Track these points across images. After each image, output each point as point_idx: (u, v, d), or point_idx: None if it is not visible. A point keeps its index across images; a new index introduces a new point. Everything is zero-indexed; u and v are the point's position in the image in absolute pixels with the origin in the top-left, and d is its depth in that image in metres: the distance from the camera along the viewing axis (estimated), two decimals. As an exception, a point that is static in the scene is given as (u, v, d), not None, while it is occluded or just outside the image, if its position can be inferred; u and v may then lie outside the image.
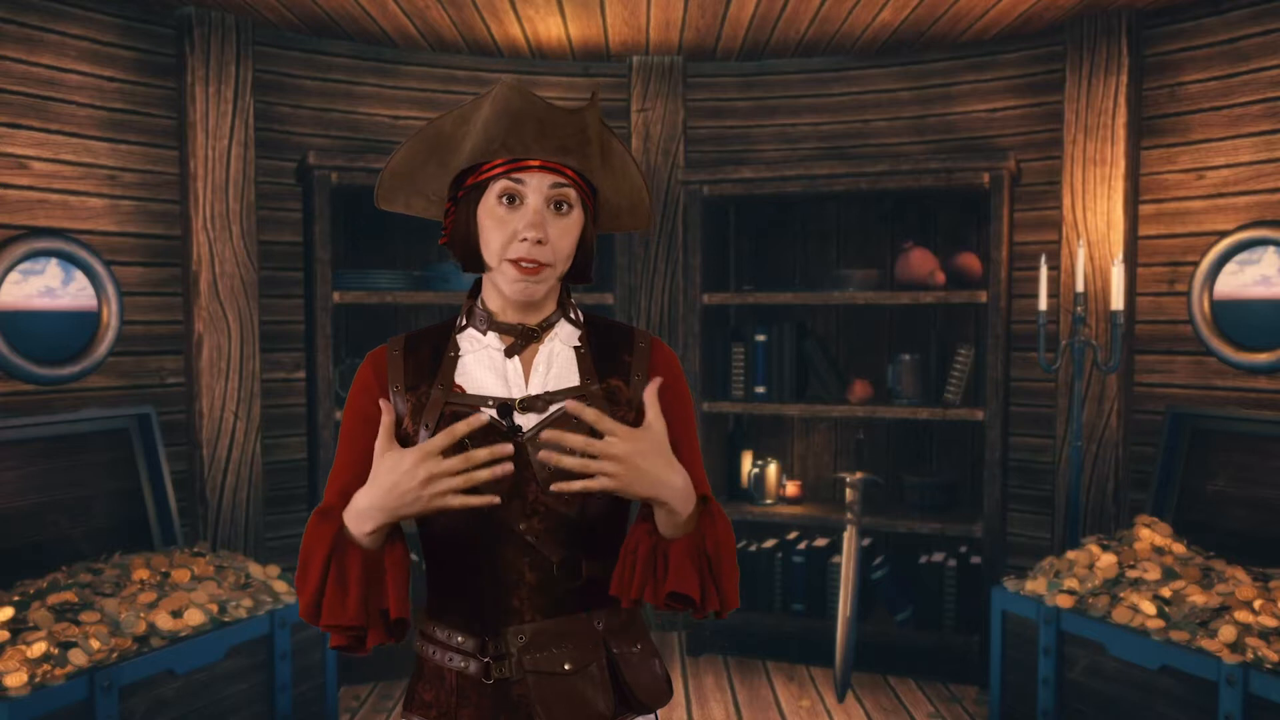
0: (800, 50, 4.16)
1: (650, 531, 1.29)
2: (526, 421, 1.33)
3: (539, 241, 1.30)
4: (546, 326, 1.39)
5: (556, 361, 1.38)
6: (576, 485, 1.19)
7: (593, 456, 1.19)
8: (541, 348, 1.39)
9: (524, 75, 4.21)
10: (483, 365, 1.37)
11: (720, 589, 1.29)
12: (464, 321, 1.42)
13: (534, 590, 1.34)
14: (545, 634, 1.34)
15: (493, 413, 1.33)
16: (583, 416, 1.19)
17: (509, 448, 1.19)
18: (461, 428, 1.19)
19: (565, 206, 1.33)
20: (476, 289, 1.43)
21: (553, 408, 1.34)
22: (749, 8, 3.63)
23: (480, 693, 1.34)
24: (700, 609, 1.28)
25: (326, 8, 3.60)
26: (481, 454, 1.18)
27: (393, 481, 1.19)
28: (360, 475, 1.35)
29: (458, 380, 1.36)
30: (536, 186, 1.31)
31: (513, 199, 1.32)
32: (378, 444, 1.23)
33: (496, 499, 1.20)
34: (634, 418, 1.37)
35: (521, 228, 1.30)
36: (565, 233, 1.33)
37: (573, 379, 1.37)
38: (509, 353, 1.37)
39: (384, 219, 4.19)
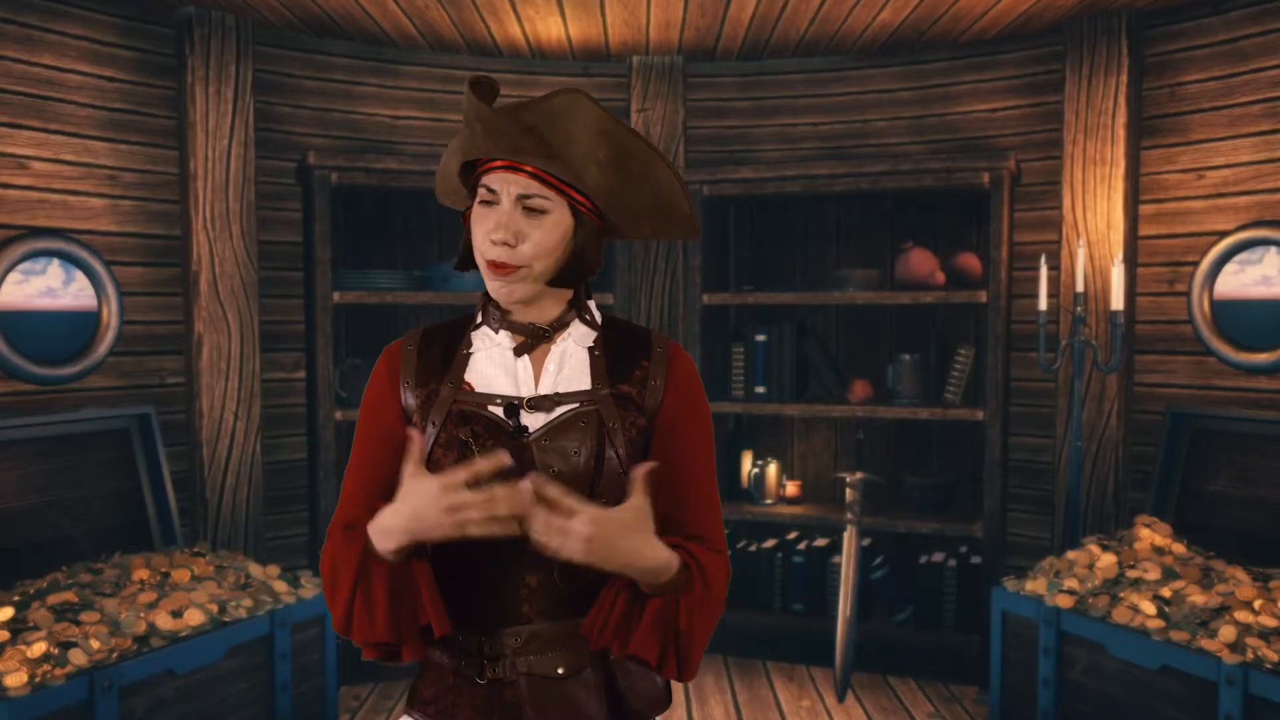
0: (800, 50, 4.16)
1: (631, 583, 1.28)
2: (533, 421, 1.33)
3: (505, 243, 1.30)
4: (559, 326, 1.38)
5: (569, 363, 1.37)
6: (548, 551, 1.19)
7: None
8: (554, 348, 1.38)
9: (524, 75, 4.21)
10: (493, 363, 1.37)
11: (681, 660, 1.28)
12: (479, 319, 1.42)
13: (534, 592, 1.33)
14: (541, 637, 1.33)
15: (499, 411, 1.33)
16: (544, 493, 1.18)
17: (507, 458, 1.19)
18: (484, 465, 1.18)
19: (538, 211, 1.31)
20: None
21: (559, 409, 1.34)
22: (749, 8, 3.63)
23: (475, 692, 1.34)
24: (657, 672, 1.28)
25: (326, 8, 3.60)
26: (486, 465, 1.17)
27: (416, 507, 1.20)
28: (373, 474, 1.36)
29: (467, 378, 1.37)
30: (505, 190, 1.31)
31: (491, 201, 1.33)
32: (407, 468, 1.22)
33: (517, 529, 1.19)
34: (645, 423, 1.36)
35: (490, 228, 1.31)
36: (538, 233, 1.31)
37: (584, 382, 1.36)
38: (518, 352, 1.37)
39: (384, 219, 4.20)
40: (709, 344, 4.11)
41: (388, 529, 1.23)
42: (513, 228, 1.30)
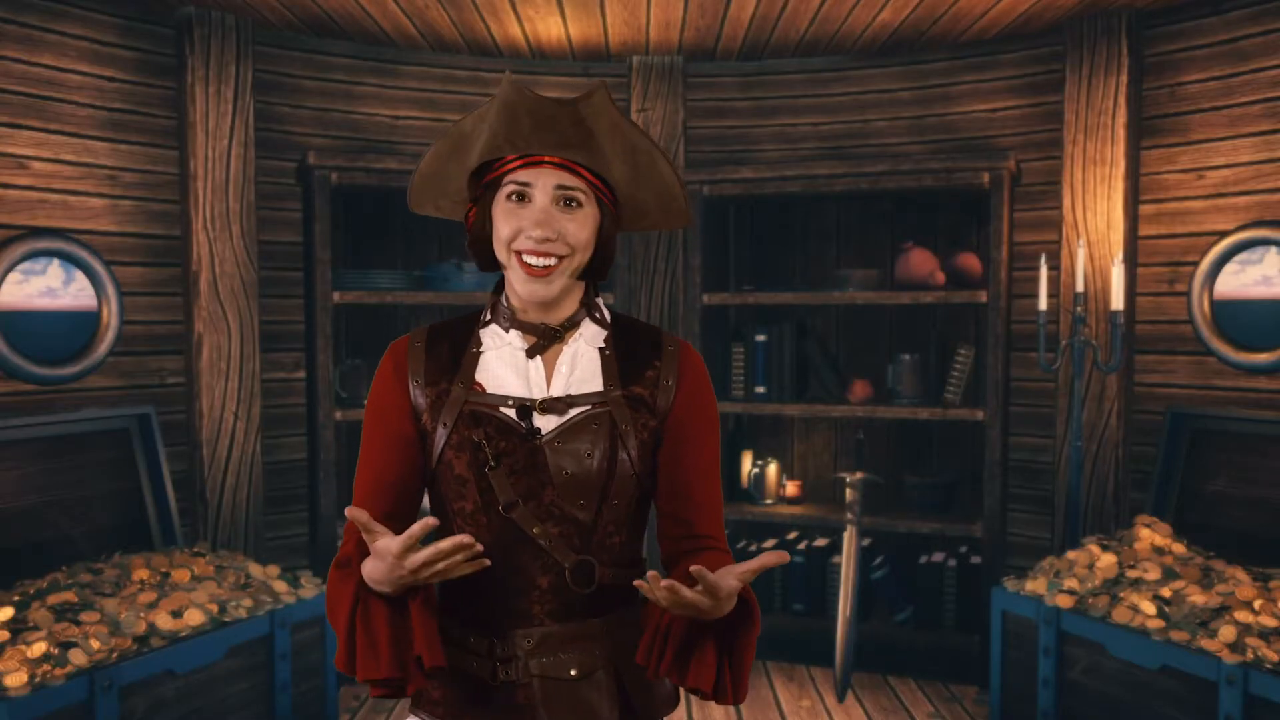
0: (800, 50, 4.16)
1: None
2: (546, 423, 1.33)
3: (546, 239, 1.29)
4: (570, 326, 1.38)
5: (580, 363, 1.37)
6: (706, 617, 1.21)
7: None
8: (565, 348, 1.37)
9: (524, 75, 4.21)
10: (504, 363, 1.36)
11: (736, 686, 1.28)
12: (488, 317, 1.41)
13: (546, 594, 1.33)
14: (554, 639, 1.33)
15: (511, 413, 1.33)
16: (702, 580, 1.16)
17: (434, 521, 1.19)
18: (417, 530, 1.16)
19: (575, 203, 1.31)
20: (501, 285, 1.41)
21: (572, 411, 1.33)
22: (749, 8, 3.63)
23: (487, 694, 1.34)
24: (711, 698, 1.28)
25: (326, 8, 3.60)
26: (446, 545, 1.17)
27: (387, 569, 1.20)
28: (382, 476, 1.36)
29: (478, 378, 1.36)
30: (543, 185, 1.30)
31: (521, 196, 1.31)
32: (373, 537, 1.20)
33: (487, 562, 1.22)
34: (656, 424, 1.36)
35: (527, 226, 1.30)
36: (574, 225, 1.31)
37: (596, 383, 1.36)
38: (530, 353, 1.36)
39: (384, 219, 4.20)
40: (709, 344, 4.11)
41: (374, 579, 1.24)
42: (554, 224, 1.30)
